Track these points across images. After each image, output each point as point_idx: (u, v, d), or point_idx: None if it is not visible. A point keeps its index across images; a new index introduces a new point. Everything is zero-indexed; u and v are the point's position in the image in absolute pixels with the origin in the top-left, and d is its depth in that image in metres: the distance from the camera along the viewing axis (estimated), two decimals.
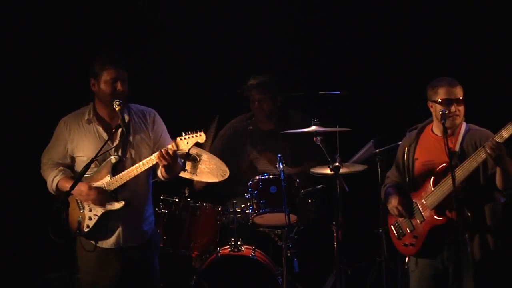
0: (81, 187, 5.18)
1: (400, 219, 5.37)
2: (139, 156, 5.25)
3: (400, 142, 5.57)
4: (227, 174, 6.27)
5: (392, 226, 5.44)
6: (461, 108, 5.27)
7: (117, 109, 5.16)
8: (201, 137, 5.07)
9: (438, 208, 5.21)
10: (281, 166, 6.20)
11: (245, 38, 7.35)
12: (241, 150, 6.80)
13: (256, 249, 6.25)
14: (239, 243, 6.24)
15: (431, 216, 5.24)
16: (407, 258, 5.43)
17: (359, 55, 7.37)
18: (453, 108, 5.24)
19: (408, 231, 5.34)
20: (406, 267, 5.46)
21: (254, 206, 6.29)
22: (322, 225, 6.44)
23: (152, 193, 6.20)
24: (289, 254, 6.17)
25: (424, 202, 5.26)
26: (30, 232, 6.93)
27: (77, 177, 5.16)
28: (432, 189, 5.23)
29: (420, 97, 5.39)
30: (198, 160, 6.17)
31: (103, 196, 5.19)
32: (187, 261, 6.34)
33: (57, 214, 5.20)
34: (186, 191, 6.33)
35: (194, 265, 6.35)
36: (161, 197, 6.33)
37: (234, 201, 6.36)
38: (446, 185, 5.15)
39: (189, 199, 6.35)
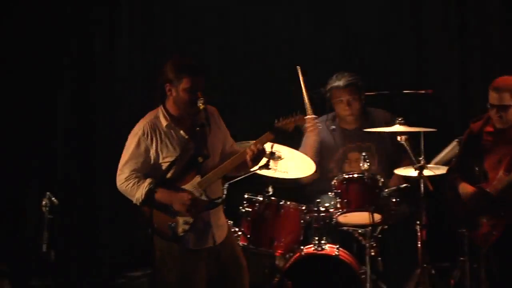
0: (183, 196, 5.19)
1: (471, 211, 5.47)
2: (216, 152, 5.30)
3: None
4: (314, 168, 6.28)
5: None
6: None
7: (201, 107, 5.19)
8: (301, 120, 5.19)
9: None
10: (365, 166, 6.21)
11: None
12: (328, 150, 6.77)
13: (340, 248, 6.24)
14: (322, 242, 6.23)
15: None
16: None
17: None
18: None
19: (485, 220, 5.46)
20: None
21: (338, 205, 6.26)
22: (406, 224, 6.41)
23: (237, 192, 6.29)
24: (373, 253, 6.16)
25: (499, 190, 5.41)
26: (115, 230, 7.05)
27: (160, 177, 5.16)
28: (505, 176, 5.42)
29: None
30: (282, 158, 6.17)
31: (199, 206, 5.23)
32: (271, 260, 6.33)
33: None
34: (270, 189, 6.33)
35: (277, 264, 6.33)
36: (245, 196, 6.32)
37: (318, 200, 6.35)
38: None
39: (273, 198, 6.33)
